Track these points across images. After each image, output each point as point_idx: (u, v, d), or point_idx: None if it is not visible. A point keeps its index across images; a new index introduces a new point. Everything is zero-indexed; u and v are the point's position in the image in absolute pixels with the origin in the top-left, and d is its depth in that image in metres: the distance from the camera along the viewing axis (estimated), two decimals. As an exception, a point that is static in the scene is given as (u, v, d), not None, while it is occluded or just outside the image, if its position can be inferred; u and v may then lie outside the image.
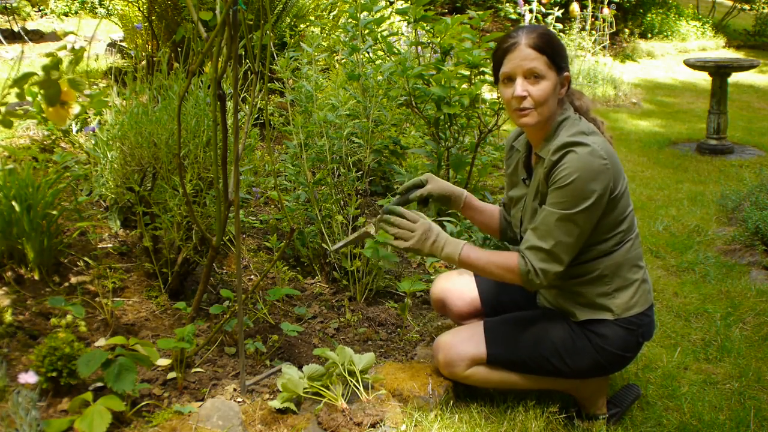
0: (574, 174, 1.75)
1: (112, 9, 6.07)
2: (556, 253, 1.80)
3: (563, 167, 1.77)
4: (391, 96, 3.10)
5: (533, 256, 1.82)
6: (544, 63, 1.82)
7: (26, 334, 1.97)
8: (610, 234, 1.87)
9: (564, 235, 1.78)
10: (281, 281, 2.58)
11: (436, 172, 3.22)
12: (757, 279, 3.08)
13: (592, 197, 1.75)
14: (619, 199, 1.84)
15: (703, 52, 10.78)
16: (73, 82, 1.62)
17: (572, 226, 1.78)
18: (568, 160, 1.77)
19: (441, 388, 1.99)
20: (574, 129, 1.83)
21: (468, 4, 9.63)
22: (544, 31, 1.86)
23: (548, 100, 1.83)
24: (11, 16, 6.73)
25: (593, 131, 1.84)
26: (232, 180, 1.81)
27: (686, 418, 2.08)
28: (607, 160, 1.77)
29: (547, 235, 1.79)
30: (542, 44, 1.82)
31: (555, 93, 1.84)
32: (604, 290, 1.90)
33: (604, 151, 1.78)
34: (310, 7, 5.10)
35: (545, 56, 1.82)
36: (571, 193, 1.76)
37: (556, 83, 1.84)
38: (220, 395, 1.87)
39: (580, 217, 1.77)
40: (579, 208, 1.76)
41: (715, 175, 4.89)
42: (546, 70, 1.82)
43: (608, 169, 1.77)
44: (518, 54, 1.83)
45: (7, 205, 2.12)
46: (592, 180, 1.75)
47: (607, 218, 1.84)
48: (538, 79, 1.82)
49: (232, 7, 1.62)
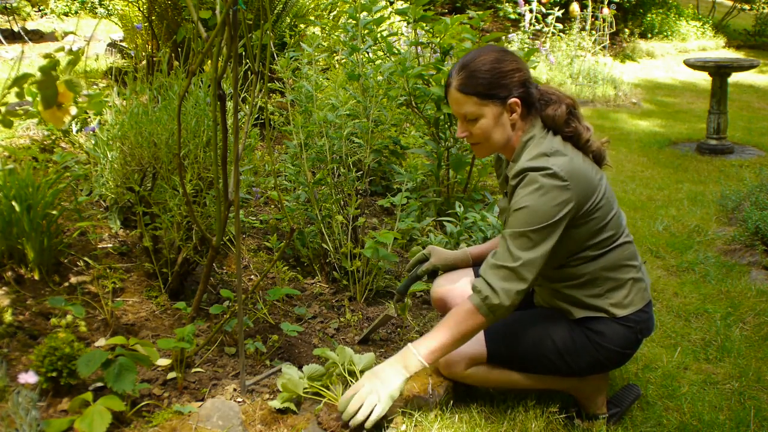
0: (527, 199, 1.75)
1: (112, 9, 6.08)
2: (518, 270, 1.76)
3: (519, 192, 1.78)
4: (391, 96, 3.10)
5: (493, 275, 1.77)
6: (475, 103, 1.83)
7: (26, 334, 1.97)
8: (590, 243, 1.86)
9: (523, 252, 1.76)
10: (281, 281, 2.58)
11: (436, 172, 3.22)
12: (757, 279, 3.08)
13: (549, 219, 1.74)
14: (592, 211, 1.82)
15: (703, 52, 10.79)
16: (69, 83, 1.62)
17: (531, 244, 1.75)
18: (523, 185, 1.78)
19: (441, 388, 1.99)
20: (535, 151, 1.81)
21: (468, 4, 9.63)
22: (473, 68, 1.83)
23: (491, 134, 1.85)
24: (11, 16, 6.73)
25: (556, 151, 1.80)
26: (232, 180, 1.81)
27: (686, 418, 2.08)
28: (568, 181, 1.75)
29: (507, 254, 1.77)
30: (468, 86, 1.83)
31: (500, 123, 1.85)
32: (596, 292, 1.90)
33: (564, 172, 1.75)
34: (310, 7, 5.10)
35: (475, 96, 1.82)
36: (527, 216, 1.75)
37: (497, 115, 1.84)
38: (220, 395, 1.87)
39: (538, 235, 1.75)
40: (535, 227, 1.75)
41: (715, 175, 4.89)
42: (479, 108, 1.83)
43: (568, 189, 1.74)
44: (451, 98, 1.88)
45: (7, 205, 2.12)
46: (550, 202, 1.74)
47: (582, 229, 1.83)
48: (475, 120, 1.85)
49: (232, 7, 1.62)
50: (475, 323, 1.79)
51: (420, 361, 1.77)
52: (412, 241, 2.92)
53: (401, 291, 2.25)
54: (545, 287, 2.01)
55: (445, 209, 3.12)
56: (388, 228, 2.93)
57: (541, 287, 2.04)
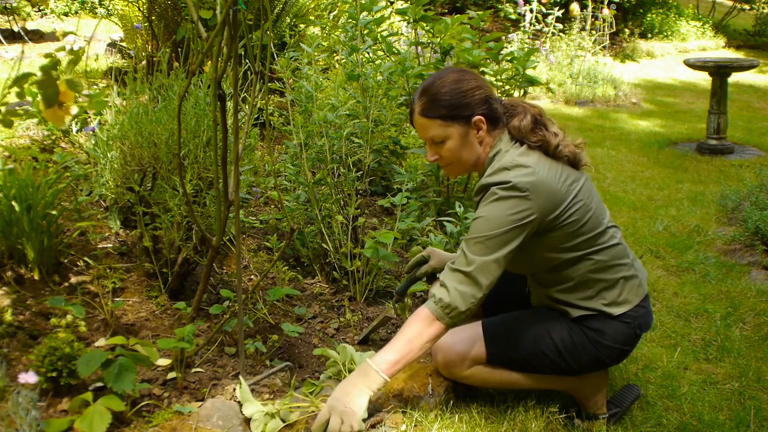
0: (487, 208, 1.78)
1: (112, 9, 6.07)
2: (472, 274, 1.76)
3: (481, 204, 1.81)
4: (391, 96, 3.10)
5: (450, 278, 1.78)
6: (439, 126, 1.85)
7: (26, 334, 1.97)
8: (568, 245, 1.85)
9: (477, 257, 1.76)
10: (281, 281, 2.58)
11: (435, 172, 3.22)
12: (757, 279, 3.08)
13: (504, 226, 1.75)
14: (562, 218, 1.81)
15: (703, 52, 10.79)
16: (70, 82, 1.62)
17: (486, 249, 1.76)
18: (483, 199, 1.81)
19: (441, 388, 1.99)
20: (497, 165, 1.83)
21: (468, 4, 9.63)
22: (434, 92, 1.85)
23: (459, 154, 1.88)
24: (11, 16, 6.73)
25: (517, 164, 1.80)
26: (232, 180, 1.81)
27: (686, 418, 2.08)
28: (527, 191, 1.75)
29: (463, 258, 1.78)
30: (430, 109, 1.85)
31: (467, 142, 1.87)
32: (588, 294, 1.90)
33: (523, 183, 1.76)
34: (310, 7, 5.10)
35: (438, 119, 1.84)
36: (483, 223, 1.77)
37: (463, 134, 1.86)
38: (220, 395, 1.87)
39: (493, 242, 1.76)
40: (490, 233, 1.75)
41: (715, 175, 4.89)
42: (444, 130, 1.85)
43: (528, 200, 1.75)
44: (417, 124, 1.91)
45: (7, 205, 2.12)
46: (506, 211, 1.75)
47: (556, 233, 1.83)
48: (442, 142, 1.87)
49: (232, 7, 1.62)
50: (433, 330, 1.77)
51: (381, 376, 1.73)
52: (412, 241, 2.92)
53: (400, 292, 2.25)
54: (539, 291, 2.01)
55: (445, 209, 3.12)
56: (388, 228, 2.92)
57: (535, 289, 2.04)
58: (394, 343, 1.77)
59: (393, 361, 1.74)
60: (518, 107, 1.92)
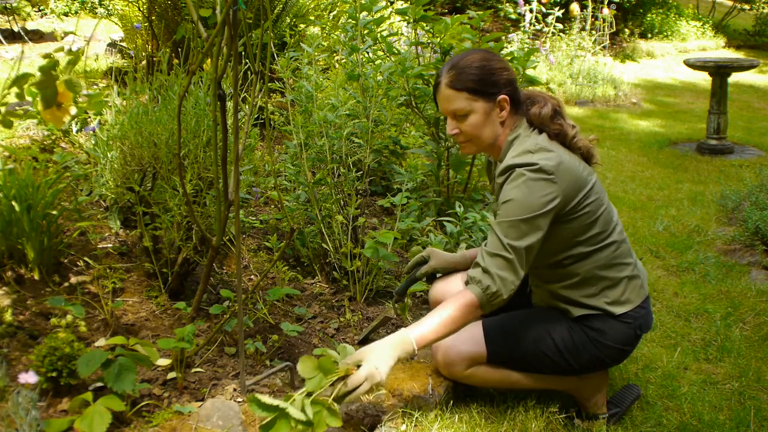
0: (513, 192, 1.78)
1: (112, 9, 6.07)
2: (513, 261, 1.77)
3: (506, 188, 1.81)
4: (391, 96, 3.10)
5: (492, 264, 1.77)
6: (465, 99, 1.86)
7: (26, 334, 1.97)
8: (579, 239, 1.87)
9: (514, 241, 1.77)
10: (281, 281, 2.58)
11: (435, 172, 3.22)
12: (757, 279, 3.08)
13: (536, 210, 1.76)
14: (582, 206, 1.83)
15: (703, 52, 10.79)
16: (69, 83, 1.62)
17: (520, 233, 1.77)
18: (509, 180, 1.81)
19: (441, 388, 1.99)
20: (520, 148, 1.84)
21: (468, 4, 9.63)
22: (463, 66, 1.86)
23: (481, 131, 1.88)
24: (11, 16, 6.73)
25: (541, 147, 1.82)
26: (232, 180, 1.81)
27: (686, 418, 2.08)
28: (553, 174, 1.77)
29: (499, 243, 1.78)
30: (459, 81, 1.86)
31: (489, 120, 1.88)
32: (591, 292, 1.91)
33: (549, 166, 1.77)
34: (310, 7, 5.10)
35: (465, 92, 1.85)
36: (515, 207, 1.77)
37: (487, 111, 1.87)
38: (220, 395, 1.87)
39: (526, 225, 1.77)
40: (523, 216, 1.76)
41: (715, 175, 4.89)
42: (470, 104, 1.86)
43: (554, 183, 1.77)
44: (441, 96, 1.90)
45: (7, 205, 2.12)
46: (536, 193, 1.76)
47: (571, 225, 1.84)
48: (465, 116, 1.87)
49: (232, 7, 1.62)
50: (473, 317, 1.79)
51: (414, 348, 1.74)
52: (412, 241, 2.92)
53: (400, 292, 2.25)
54: (542, 288, 2.01)
55: (445, 209, 3.12)
56: (388, 228, 2.93)
57: (538, 288, 2.04)
58: (433, 320, 1.76)
59: (428, 339, 1.76)
60: (538, 96, 1.95)
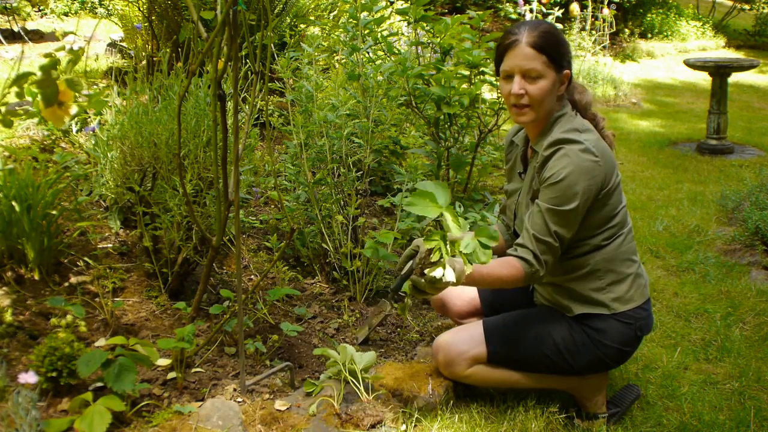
0: (565, 171, 1.78)
1: (112, 9, 6.07)
2: (557, 249, 1.83)
3: (554, 164, 1.81)
4: (391, 96, 3.10)
5: (540, 249, 1.83)
6: (542, 62, 1.83)
7: (26, 334, 1.97)
8: (601, 229, 1.89)
9: (559, 228, 1.81)
10: (281, 281, 2.58)
11: (436, 172, 3.22)
12: (757, 279, 3.08)
13: (582, 194, 1.78)
14: (611, 194, 1.86)
15: (703, 52, 10.78)
16: (70, 82, 1.62)
17: (564, 221, 1.80)
18: (559, 156, 1.81)
19: (441, 388, 1.99)
20: (568, 126, 1.86)
21: (468, 4, 9.63)
22: (546, 29, 1.86)
23: (546, 98, 1.85)
24: (11, 16, 6.72)
25: (587, 129, 1.86)
26: (232, 180, 1.81)
27: (686, 418, 2.08)
28: (599, 157, 1.80)
29: (546, 229, 1.82)
30: (543, 43, 1.83)
31: (553, 91, 1.86)
32: (598, 285, 1.91)
33: (596, 149, 1.80)
34: (310, 7, 5.10)
35: (545, 55, 1.83)
36: (562, 189, 1.79)
37: (555, 81, 1.86)
38: (220, 395, 1.87)
39: (573, 214, 1.80)
40: (570, 204, 1.78)
41: (715, 175, 4.89)
42: (545, 69, 1.84)
43: (599, 166, 1.80)
44: (518, 52, 1.85)
45: (7, 205, 2.12)
46: (583, 177, 1.78)
47: (599, 213, 1.86)
48: (537, 78, 1.84)
49: (233, 7, 1.62)
50: (514, 285, 1.85)
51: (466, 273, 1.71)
52: (411, 241, 2.91)
53: (395, 290, 2.20)
54: (545, 286, 2.01)
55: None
56: (388, 228, 2.92)
57: (541, 286, 2.04)
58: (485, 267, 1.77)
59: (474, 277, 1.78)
60: (577, 85, 1.96)
